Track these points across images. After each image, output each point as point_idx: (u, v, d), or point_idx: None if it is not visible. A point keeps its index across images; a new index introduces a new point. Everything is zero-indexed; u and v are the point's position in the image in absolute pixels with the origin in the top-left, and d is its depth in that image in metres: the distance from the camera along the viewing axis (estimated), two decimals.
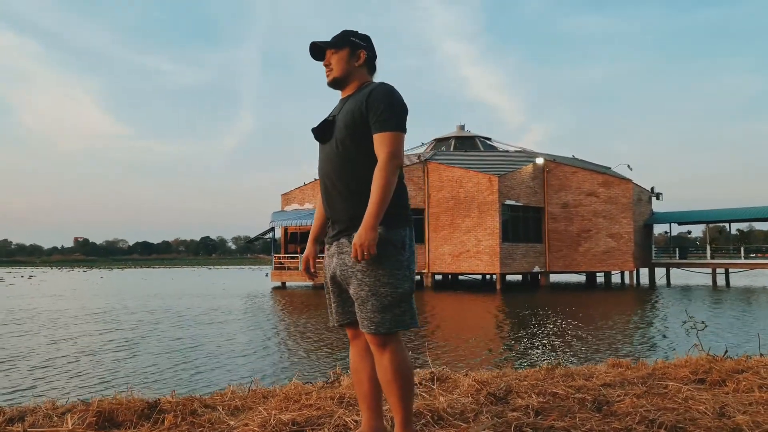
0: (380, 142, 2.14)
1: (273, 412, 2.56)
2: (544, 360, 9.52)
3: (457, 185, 29.63)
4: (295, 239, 34.48)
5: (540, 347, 11.24)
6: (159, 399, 2.82)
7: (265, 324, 15.82)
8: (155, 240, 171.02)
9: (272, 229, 34.19)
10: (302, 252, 32.99)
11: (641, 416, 2.41)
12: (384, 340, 2.13)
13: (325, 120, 2.33)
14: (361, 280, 2.13)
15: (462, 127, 38.71)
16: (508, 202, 29.10)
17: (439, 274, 31.08)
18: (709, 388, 2.97)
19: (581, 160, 36.04)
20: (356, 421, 2.45)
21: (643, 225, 33.78)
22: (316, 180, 33.38)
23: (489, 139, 38.53)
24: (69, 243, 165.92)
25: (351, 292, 2.19)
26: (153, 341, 12.56)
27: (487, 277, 34.07)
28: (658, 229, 39.13)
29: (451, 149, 35.69)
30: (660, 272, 35.66)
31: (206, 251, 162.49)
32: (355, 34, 2.37)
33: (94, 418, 2.57)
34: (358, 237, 2.06)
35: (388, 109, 2.16)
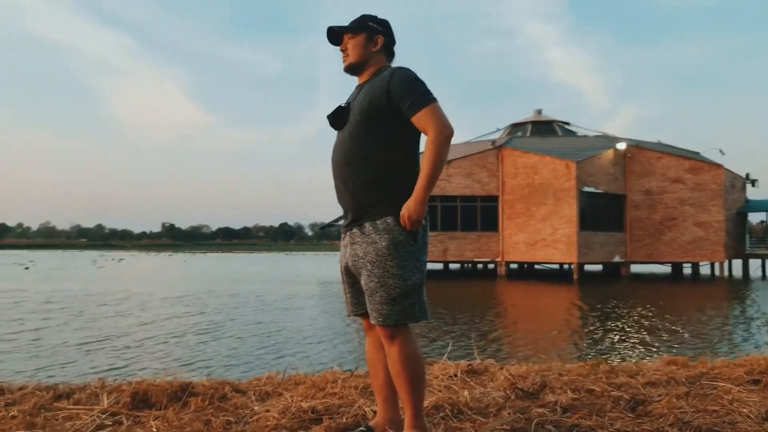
0: (424, 119, 2.10)
1: (296, 399, 2.58)
2: (609, 354, 9.17)
3: (532, 172, 28.90)
4: None
5: (610, 341, 10.82)
6: (192, 382, 2.90)
7: (342, 310, 16.06)
8: (236, 226, 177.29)
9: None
10: None
11: (676, 417, 2.26)
12: (393, 332, 2.09)
13: (340, 106, 2.29)
14: (371, 271, 2.10)
15: (539, 112, 37.64)
16: (586, 189, 28.10)
17: (513, 263, 30.53)
18: (762, 390, 2.73)
19: (667, 145, 34.23)
20: (375, 412, 2.44)
21: (736, 213, 31.76)
22: None
23: (568, 123, 37.29)
24: (157, 228, 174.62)
25: (362, 283, 2.16)
26: (236, 325, 12.89)
27: (565, 266, 33.15)
28: (754, 218, 36.78)
29: (528, 135, 34.79)
30: (755, 264, 33.45)
31: (284, 237, 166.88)
32: (373, 18, 2.32)
33: (129, 399, 2.67)
34: (405, 208, 2.06)
35: (414, 89, 2.12)
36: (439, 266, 34.55)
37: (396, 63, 2.35)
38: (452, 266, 35.39)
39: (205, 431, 2.29)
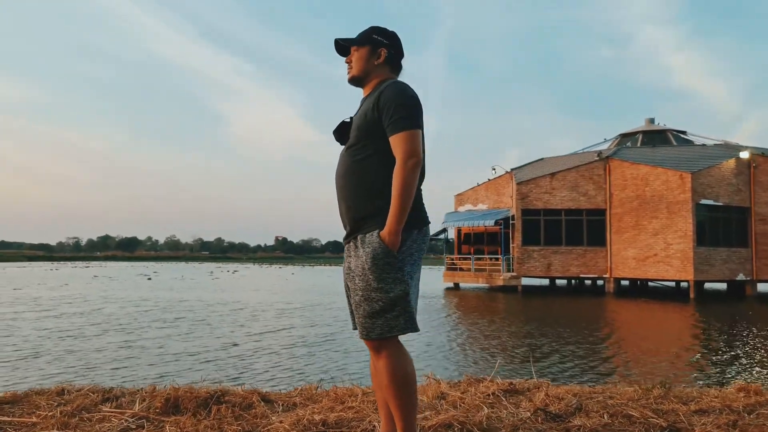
0: (395, 144, 2.07)
1: (313, 411, 2.56)
2: (711, 380, 8.42)
3: (642, 183, 27.34)
4: (469, 240, 34.37)
5: (719, 367, 9.92)
6: (225, 390, 2.96)
7: (444, 324, 15.94)
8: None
9: (445, 230, 34.46)
10: (475, 253, 32.99)
11: None
12: (378, 346, 2.06)
13: (343, 121, 2.29)
14: (356, 284, 2.10)
15: (651, 121, 35.61)
16: (704, 201, 26.15)
17: (623, 279, 28.92)
18: None
19: None
20: None
21: None
22: (489, 180, 33.01)
23: (684, 132, 34.97)
24: (271, 241, 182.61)
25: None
26: (345, 336, 13.03)
27: (682, 284, 30.95)
28: None
29: (638, 144, 33.01)
30: None
31: None
32: (379, 31, 2.31)
33: (160, 404, 2.77)
34: (382, 236, 2.05)
35: (399, 109, 2.07)
36: (545, 282, 33.47)
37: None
38: (559, 282, 34.15)
39: None
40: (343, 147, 2.27)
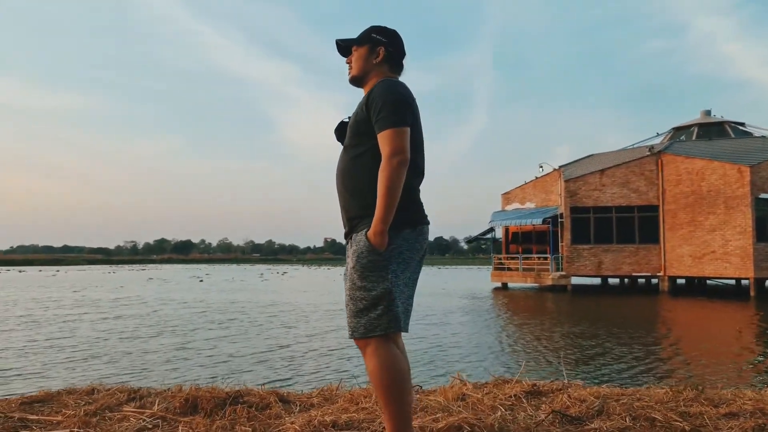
0: (381, 142, 2.05)
1: (326, 412, 2.55)
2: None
3: (698, 178, 26.36)
4: (517, 239, 33.88)
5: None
6: (244, 390, 2.98)
7: (493, 324, 15.78)
8: None
9: (492, 229, 34.05)
10: (524, 252, 32.48)
11: None
12: (363, 345, 2.05)
13: (342, 121, 2.28)
14: (345, 284, 2.11)
15: (707, 113, 34.31)
16: (764, 195, 25.00)
17: (678, 277, 27.95)
18: None
19: None
20: None
21: None
22: (536, 178, 32.45)
23: (742, 124, 33.52)
24: (320, 243, 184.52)
25: None
26: (407, 336, 13.03)
27: (743, 282, 29.66)
28: None
29: (693, 138, 31.84)
30: None
31: (439, 251, 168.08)
32: (378, 30, 2.28)
33: (179, 404, 2.80)
34: (368, 237, 2.03)
35: (385, 107, 2.04)
36: (596, 281, 32.68)
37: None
38: (611, 281, 33.28)
39: None
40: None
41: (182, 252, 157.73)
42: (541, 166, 32.25)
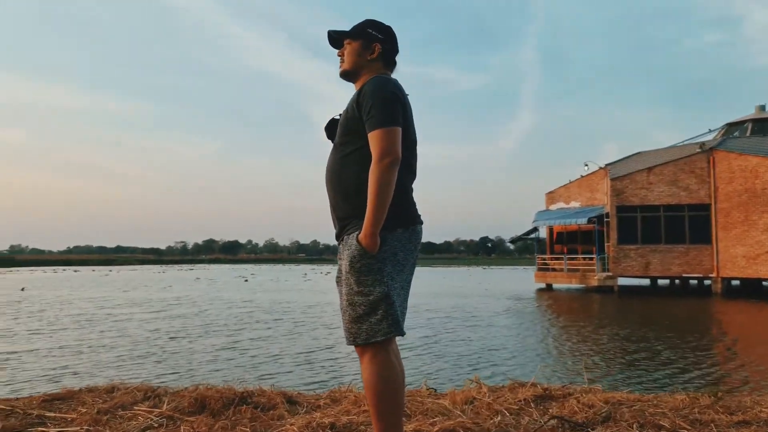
0: (371, 141, 2.00)
1: (326, 414, 2.54)
2: None
3: (752, 176, 25.33)
4: (562, 239, 33.25)
5: None
6: (255, 390, 3.00)
7: (536, 326, 15.55)
8: (438, 240, 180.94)
9: (536, 229, 33.51)
10: (569, 252, 31.82)
11: None
12: (362, 350, 2.00)
13: (332, 118, 2.24)
14: (341, 289, 2.06)
15: (762, 108, 32.92)
16: None
17: (732, 279, 26.90)
18: None
19: None
20: None
21: None
22: (581, 177, 31.78)
23: None
24: None
25: None
26: (445, 339, 12.96)
27: None
28: None
29: (747, 134, 30.59)
30: None
31: (485, 251, 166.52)
32: (374, 25, 2.23)
33: (188, 404, 2.85)
34: (359, 240, 1.99)
35: (376, 105, 1.99)
36: (644, 282, 31.77)
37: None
38: (660, 282, 32.30)
39: None
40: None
41: (230, 252, 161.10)
42: (587, 165, 31.59)
